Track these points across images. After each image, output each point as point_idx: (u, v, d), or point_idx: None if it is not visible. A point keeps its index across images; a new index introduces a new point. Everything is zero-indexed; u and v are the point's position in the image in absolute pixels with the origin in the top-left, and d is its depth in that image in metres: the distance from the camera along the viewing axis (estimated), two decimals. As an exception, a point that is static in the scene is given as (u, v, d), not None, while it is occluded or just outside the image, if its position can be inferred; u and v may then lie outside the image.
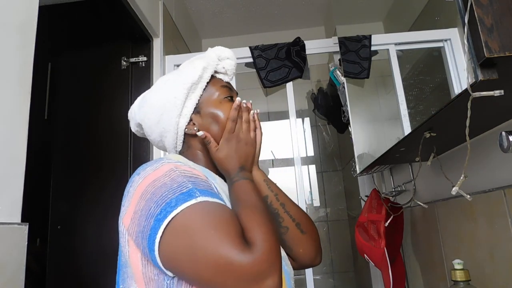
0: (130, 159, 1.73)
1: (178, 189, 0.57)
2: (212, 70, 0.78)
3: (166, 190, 0.58)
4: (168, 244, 0.54)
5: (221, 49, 0.80)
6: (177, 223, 0.54)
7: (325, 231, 2.76)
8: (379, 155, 1.06)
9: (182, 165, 0.65)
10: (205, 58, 0.78)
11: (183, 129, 0.75)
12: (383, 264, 1.27)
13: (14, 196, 0.78)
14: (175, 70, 0.82)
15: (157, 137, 0.78)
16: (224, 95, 0.77)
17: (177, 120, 0.74)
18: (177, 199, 0.56)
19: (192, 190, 0.57)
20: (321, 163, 2.89)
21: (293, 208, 0.78)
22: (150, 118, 0.77)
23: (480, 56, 0.49)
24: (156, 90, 0.78)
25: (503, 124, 0.79)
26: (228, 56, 0.80)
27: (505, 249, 0.83)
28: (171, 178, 0.60)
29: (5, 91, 0.79)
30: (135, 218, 0.59)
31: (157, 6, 1.95)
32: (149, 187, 0.60)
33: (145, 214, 0.57)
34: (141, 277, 0.60)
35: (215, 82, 0.79)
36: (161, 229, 0.54)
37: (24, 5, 0.87)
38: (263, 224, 0.57)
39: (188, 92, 0.74)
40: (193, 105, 0.75)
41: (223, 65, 0.80)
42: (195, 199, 0.56)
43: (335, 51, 1.90)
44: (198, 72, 0.75)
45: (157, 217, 0.55)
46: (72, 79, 1.89)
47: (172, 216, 0.54)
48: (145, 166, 0.66)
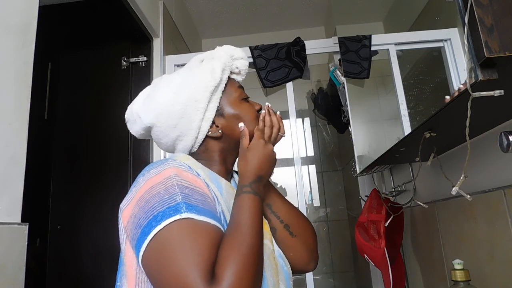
0: (130, 158, 1.73)
1: (168, 201, 0.58)
2: (229, 71, 0.78)
3: (157, 201, 0.58)
4: (147, 258, 0.56)
5: (233, 49, 0.79)
6: (157, 240, 0.55)
7: (325, 231, 2.76)
8: (379, 155, 1.06)
9: (184, 170, 0.64)
10: (220, 59, 0.76)
11: (205, 132, 0.74)
12: (383, 264, 1.27)
13: (14, 196, 0.79)
14: (185, 71, 0.77)
15: (170, 141, 0.76)
16: (242, 96, 0.78)
17: (199, 124, 0.73)
18: (163, 213, 0.56)
19: (179, 204, 0.57)
20: (321, 163, 2.89)
21: (282, 208, 0.76)
22: (166, 122, 0.73)
23: (480, 56, 0.49)
24: (169, 92, 0.73)
25: (503, 124, 0.79)
26: (242, 56, 0.80)
27: (505, 249, 0.83)
28: (166, 187, 0.60)
29: (5, 91, 0.79)
30: (130, 222, 0.61)
31: (157, 6, 1.95)
32: (146, 193, 0.61)
33: (136, 222, 0.59)
34: (133, 276, 0.61)
35: (232, 83, 0.79)
36: (144, 244, 0.56)
37: (24, 5, 0.87)
38: (241, 261, 0.54)
39: (211, 95, 0.73)
40: (215, 108, 0.74)
41: (237, 65, 0.79)
42: (179, 215, 0.56)
43: (335, 51, 1.90)
44: (219, 75, 0.74)
45: (143, 229, 0.57)
46: (72, 79, 1.89)
47: (155, 232, 0.55)
48: (151, 167, 0.66)
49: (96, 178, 1.75)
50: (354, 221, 1.87)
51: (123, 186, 1.67)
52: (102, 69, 1.86)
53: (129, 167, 1.72)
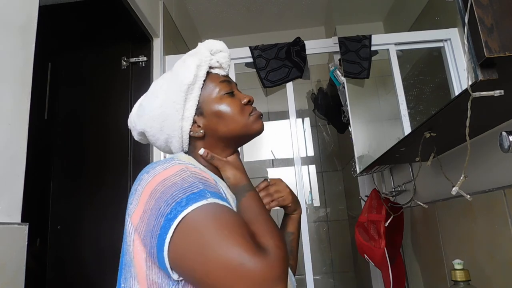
0: (130, 158, 1.73)
1: (189, 189, 0.56)
2: (206, 67, 0.74)
3: (176, 189, 0.56)
4: (178, 244, 0.53)
5: (212, 42, 0.76)
6: (188, 222, 0.52)
7: (325, 231, 2.76)
8: (379, 155, 1.06)
9: (192, 167, 0.64)
10: (197, 55, 0.74)
11: (188, 132, 0.73)
12: (383, 264, 1.27)
13: (14, 196, 0.79)
14: (168, 72, 0.78)
15: (163, 143, 0.77)
16: (224, 91, 0.74)
17: (180, 124, 0.72)
18: (187, 198, 0.54)
19: (203, 191, 0.57)
20: (321, 163, 2.89)
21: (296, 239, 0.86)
22: (153, 126, 0.74)
23: (480, 56, 0.49)
24: (152, 97, 0.75)
25: (503, 124, 0.79)
26: (221, 48, 0.76)
27: (505, 249, 0.83)
28: (182, 178, 0.59)
29: (5, 91, 0.79)
30: (144, 217, 0.58)
31: (157, 6, 1.95)
32: (159, 185, 0.58)
33: (155, 214, 0.56)
34: (144, 278, 0.59)
35: (213, 78, 0.75)
36: (171, 229, 0.53)
37: (24, 5, 0.87)
38: (275, 233, 0.57)
39: (186, 94, 0.71)
40: (194, 106, 0.72)
41: (217, 59, 0.76)
42: (206, 200, 0.54)
43: (335, 51, 1.90)
44: (193, 72, 0.71)
45: (167, 216, 0.54)
46: (72, 79, 1.90)
47: (183, 215, 0.53)
48: (154, 164, 0.65)
49: (96, 178, 1.75)
50: (354, 221, 1.87)
51: (123, 186, 1.67)
52: (102, 69, 1.86)
53: (129, 167, 1.72)
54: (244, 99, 0.75)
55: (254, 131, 0.74)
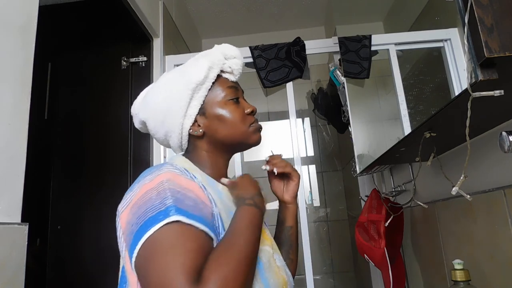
0: (130, 158, 1.73)
1: (158, 206, 0.57)
2: (218, 70, 0.75)
3: (149, 206, 0.58)
4: (137, 264, 0.56)
5: (228, 47, 0.77)
6: (146, 245, 0.55)
7: (325, 231, 2.76)
8: (379, 155, 1.06)
9: (179, 174, 0.63)
10: (210, 56, 0.75)
11: (188, 130, 0.74)
12: (383, 264, 1.28)
13: (14, 196, 0.79)
14: (179, 67, 0.78)
15: (162, 136, 0.77)
16: (230, 96, 0.74)
17: (182, 121, 0.73)
18: (153, 218, 0.56)
19: (168, 208, 0.56)
20: (321, 163, 2.89)
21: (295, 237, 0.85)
22: (155, 118, 0.75)
23: (480, 56, 0.49)
24: (159, 89, 0.76)
25: (503, 124, 0.79)
26: (235, 55, 0.77)
27: (505, 249, 0.83)
28: (158, 192, 0.59)
29: (5, 91, 0.79)
30: (127, 229, 0.60)
31: (157, 6, 1.95)
32: (139, 200, 0.60)
33: (129, 229, 0.59)
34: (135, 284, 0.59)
35: (222, 82, 0.76)
36: (136, 250, 0.55)
37: (24, 5, 0.87)
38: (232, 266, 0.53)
39: (193, 93, 0.72)
40: (198, 105, 0.73)
41: (230, 64, 0.76)
42: (168, 218, 0.55)
43: (335, 51, 1.90)
44: (204, 72, 0.72)
45: (135, 236, 0.56)
46: (72, 79, 1.90)
47: (145, 238, 0.55)
48: (146, 173, 0.65)
49: (96, 178, 1.75)
50: (354, 221, 1.87)
51: (123, 186, 1.67)
52: (102, 69, 1.86)
53: (129, 167, 1.72)
54: (247, 108, 0.76)
55: (251, 142, 0.76)
